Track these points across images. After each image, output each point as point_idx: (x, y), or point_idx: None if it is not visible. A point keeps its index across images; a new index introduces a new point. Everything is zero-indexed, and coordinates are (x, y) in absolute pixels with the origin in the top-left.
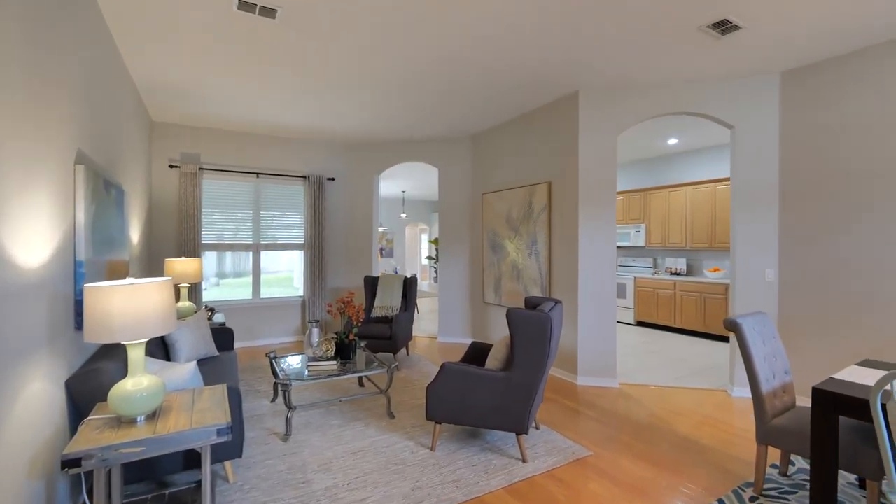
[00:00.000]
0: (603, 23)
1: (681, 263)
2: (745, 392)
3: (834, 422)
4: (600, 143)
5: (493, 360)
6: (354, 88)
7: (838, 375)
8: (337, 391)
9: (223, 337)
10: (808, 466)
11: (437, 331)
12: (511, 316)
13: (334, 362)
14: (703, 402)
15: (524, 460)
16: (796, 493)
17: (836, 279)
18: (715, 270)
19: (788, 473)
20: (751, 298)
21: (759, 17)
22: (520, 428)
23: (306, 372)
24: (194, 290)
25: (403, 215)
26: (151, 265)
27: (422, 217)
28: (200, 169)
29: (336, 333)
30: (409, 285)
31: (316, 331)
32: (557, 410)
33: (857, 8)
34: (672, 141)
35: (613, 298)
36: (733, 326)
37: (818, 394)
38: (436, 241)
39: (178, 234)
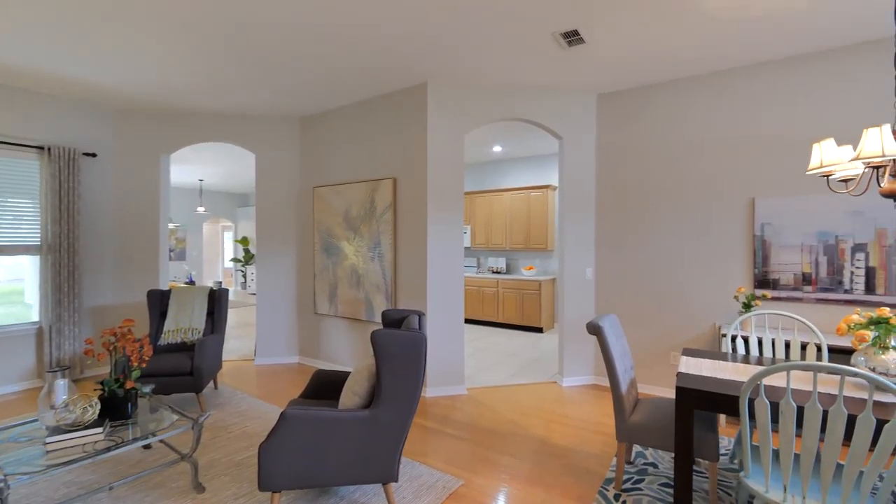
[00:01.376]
0: (455, 11)
1: (501, 262)
2: (572, 381)
3: (691, 416)
4: (449, 140)
5: (352, 396)
6: (136, 24)
7: (682, 369)
8: (105, 470)
9: None
10: (642, 449)
11: (252, 351)
12: (378, 339)
13: (99, 429)
14: (544, 397)
15: None
16: (644, 479)
17: (636, 278)
18: (529, 269)
19: (631, 460)
20: (575, 295)
21: (601, 36)
22: (389, 476)
23: (43, 454)
24: None
25: (201, 209)
26: None
27: (225, 212)
28: None
29: (102, 383)
30: (218, 300)
31: (62, 383)
32: (415, 433)
33: (684, 40)
34: (497, 148)
35: (461, 302)
36: (596, 331)
37: (682, 392)
38: (244, 241)
39: None
